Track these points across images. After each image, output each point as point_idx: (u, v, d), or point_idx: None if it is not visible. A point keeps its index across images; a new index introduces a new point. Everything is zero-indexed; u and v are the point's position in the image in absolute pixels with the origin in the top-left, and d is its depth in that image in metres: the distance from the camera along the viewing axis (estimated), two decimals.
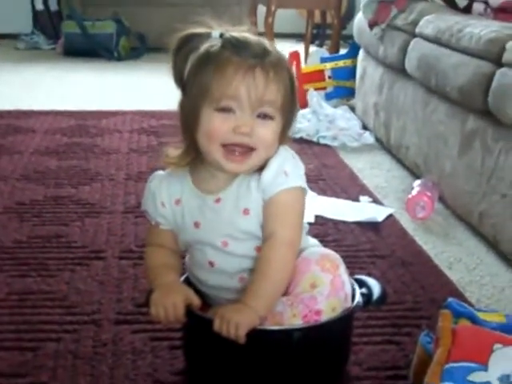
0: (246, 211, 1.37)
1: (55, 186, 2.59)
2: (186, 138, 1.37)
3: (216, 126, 1.31)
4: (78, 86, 4.60)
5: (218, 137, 1.31)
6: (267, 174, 1.34)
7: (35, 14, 6.26)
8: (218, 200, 1.38)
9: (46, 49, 6.03)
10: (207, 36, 1.35)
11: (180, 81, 1.37)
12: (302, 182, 1.38)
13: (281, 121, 1.34)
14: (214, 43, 1.33)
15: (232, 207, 1.37)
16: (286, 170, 1.35)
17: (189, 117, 1.34)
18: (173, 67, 1.38)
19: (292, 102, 1.36)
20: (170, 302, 1.35)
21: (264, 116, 1.32)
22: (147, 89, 4.54)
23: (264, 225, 1.37)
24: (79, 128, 3.45)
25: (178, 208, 1.42)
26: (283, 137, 1.37)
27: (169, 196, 1.43)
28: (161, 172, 1.46)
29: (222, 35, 1.33)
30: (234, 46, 1.30)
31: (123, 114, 3.76)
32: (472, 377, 1.19)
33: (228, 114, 1.30)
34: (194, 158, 1.38)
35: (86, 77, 4.89)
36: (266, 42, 1.35)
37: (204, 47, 1.33)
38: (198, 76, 1.32)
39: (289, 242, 1.36)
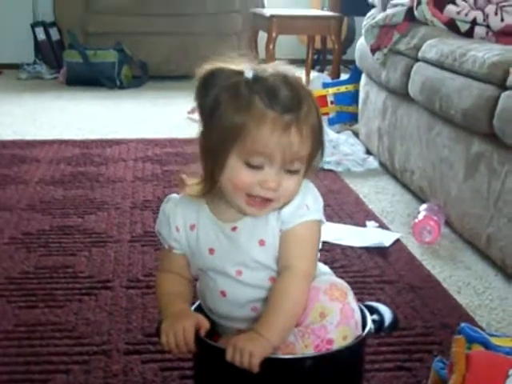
0: (261, 242, 1.36)
1: (61, 216, 2.59)
2: (205, 170, 1.34)
3: (244, 180, 1.29)
4: (81, 114, 4.61)
5: (244, 189, 1.30)
6: (290, 206, 1.34)
7: (37, 43, 6.28)
8: (234, 228, 1.37)
9: (48, 78, 6.04)
10: (238, 73, 1.29)
11: (203, 112, 1.32)
12: (321, 215, 1.39)
13: (306, 166, 1.33)
14: (245, 85, 1.27)
15: (248, 237, 1.37)
16: (308, 203, 1.35)
17: (213, 157, 1.30)
18: (198, 97, 1.32)
19: (319, 142, 1.33)
20: (180, 328, 1.33)
21: (293, 171, 1.30)
22: (150, 117, 4.55)
23: (281, 255, 1.36)
24: (83, 157, 3.45)
25: (192, 233, 1.41)
26: (308, 172, 1.36)
27: (184, 221, 1.41)
28: (175, 195, 1.44)
29: (254, 77, 1.28)
30: (268, 93, 1.26)
31: (127, 142, 3.77)
32: None
33: (257, 170, 1.29)
34: (212, 189, 1.37)
35: (88, 105, 4.91)
36: (295, 82, 1.29)
37: (235, 88, 1.27)
38: (227, 119, 1.26)
39: (305, 275, 1.36)
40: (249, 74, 1.27)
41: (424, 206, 2.57)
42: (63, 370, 1.59)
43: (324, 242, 2.29)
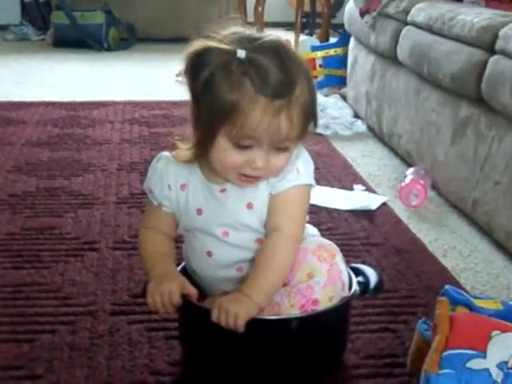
0: (249, 205, 1.37)
1: (47, 178, 2.58)
2: (196, 140, 1.32)
3: (232, 161, 1.29)
4: (68, 76, 4.58)
5: (233, 168, 1.30)
6: None
7: (24, 4, 6.22)
8: (223, 190, 1.38)
9: (35, 40, 5.99)
10: (230, 53, 1.25)
11: (195, 90, 1.28)
12: (311, 179, 1.40)
13: (298, 140, 1.31)
14: (237, 65, 1.23)
15: (236, 199, 1.37)
16: (299, 167, 1.36)
17: (203, 134, 1.29)
18: (189, 76, 1.30)
19: (312, 115, 1.31)
20: (166, 289, 1.34)
21: (280, 149, 1.29)
22: (137, 79, 4.53)
23: (269, 218, 1.37)
24: (70, 119, 3.43)
25: (182, 193, 1.41)
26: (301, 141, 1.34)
27: (176, 180, 1.41)
28: (167, 154, 1.43)
29: (246, 58, 1.24)
30: (259, 78, 1.22)
31: (114, 104, 3.74)
32: (470, 364, 1.19)
33: (245, 150, 1.28)
34: (202, 157, 1.35)
35: (75, 67, 4.87)
36: (288, 61, 1.26)
37: (227, 68, 1.24)
38: (218, 99, 1.24)
39: (293, 237, 1.37)
40: (241, 55, 1.24)
41: (411, 169, 2.57)
42: (49, 331, 1.59)
43: (311, 205, 2.30)
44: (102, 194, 2.43)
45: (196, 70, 1.27)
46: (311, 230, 1.53)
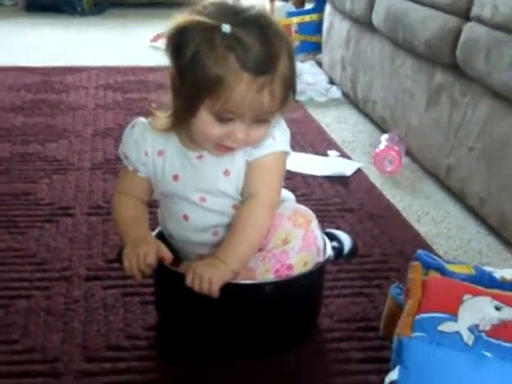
0: (226, 172, 1.37)
1: (21, 143, 2.57)
2: (175, 110, 1.33)
3: (213, 133, 1.29)
4: (42, 41, 4.53)
5: (214, 140, 1.31)
6: None
7: None
8: (200, 156, 1.38)
9: (7, 4, 5.91)
10: (214, 27, 1.23)
11: (179, 63, 1.28)
12: (287, 146, 1.40)
13: (278, 111, 1.32)
14: (221, 40, 1.23)
15: (213, 166, 1.37)
16: (275, 134, 1.36)
17: (185, 105, 1.29)
18: (171, 47, 1.29)
19: (292, 87, 1.31)
20: (142, 252, 1.35)
21: (261, 121, 1.30)
22: (112, 44, 4.49)
23: (246, 184, 1.38)
24: (44, 84, 3.40)
25: (159, 159, 1.41)
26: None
27: (153, 146, 1.41)
28: (143, 120, 1.43)
29: (231, 33, 1.23)
30: (243, 54, 1.22)
31: (88, 69, 3.71)
32: (442, 327, 1.20)
33: (227, 123, 1.28)
34: (180, 126, 1.35)
35: (49, 32, 4.82)
36: (272, 34, 1.25)
37: (212, 42, 1.23)
38: (203, 74, 1.23)
39: (269, 203, 1.38)
40: (226, 29, 1.23)
41: (385, 136, 2.58)
42: (24, 296, 1.60)
43: (286, 171, 2.32)
44: (76, 160, 2.42)
45: (180, 46, 1.26)
46: (287, 194, 1.54)
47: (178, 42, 1.27)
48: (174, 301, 1.43)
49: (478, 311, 1.24)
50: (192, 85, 1.26)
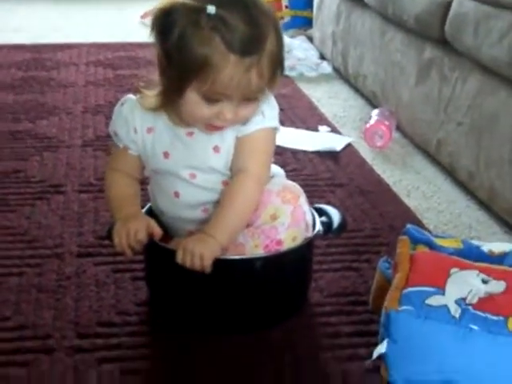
0: (216, 149, 1.38)
1: (12, 121, 2.56)
2: (163, 90, 1.33)
3: (201, 114, 1.30)
4: (31, 19, 4.51)
5: (202, 120, 1.31)
6: None
7: None
8: (190, 133, 1.38)
9: None
10: (199, 9, 1.23)
11: (165, 46, 1.27)
12: (276, 122, 1.41)
13: (267, 90, 1.32)
14: (207, 21, 1.22)
15: (203, 142, 1.38)
16: (264, 110, 1.37)
17: (172, 86, 1.29)
18: (158, 33, 1.28)
19: (279, 64, 1.31)
20: (133, 228, 1.36)
21: (249, 99, 1.30)
22: (102, 21, 4.47)
23: (235, 160, 1.38)
24: (34, 61, 3.39)
25: (149, 136, 1.42)
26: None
27: (141, 123, 1.42)
28: (132, 97, 1.43)
29: (216, 14, 1.22)
30: (229, 35, 1.22)
31: (79, 46, 3.70)
32: (430, 300, 1.21)
33: (215, 103, 1.28)
34: (169, 105, 1.36)
35: (38, 9, 4.79)
36: (258, 13, 1.25)
37: (198, 24, 1.23)
38: (190, 55, 1.23)
39: (258, 178, 1.39)
40: (211, 11, 1.22)
41: (376, 110, 2.58)
42: (16, 273, 1.60)
43: (276, 146, 2.32)
44: (67, 137, 2.42)
45: (166, 28, 1.26)
46: (276, 169, 1.55)
47: (163, 24, 1.27)
48: (165, 277, 1.44)
49: (465, 284, 1.25)
50: (178, 66, 1.26)
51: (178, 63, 1.26)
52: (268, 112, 1.38)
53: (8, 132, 2.45)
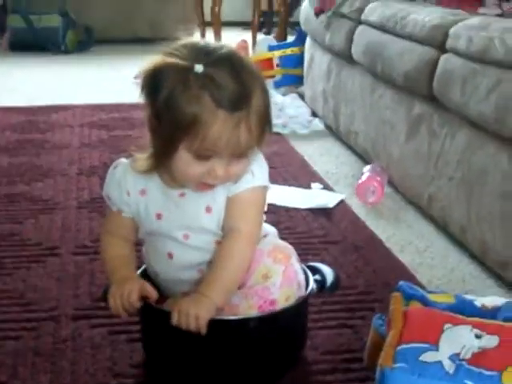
0: (208, 209, 1.40)
1: (7, 184, 2.59)
2: (154, 152, 1.35)
3: (193, 172, 1.32)
4: (26, 81, 4.56)
5: (194, 178, 1.33)
6: None
7: None
8: (182, 194, 1.40)
9: None
10: (187, 69, 1.27)
11: (155, 106, 1.30)
12: (266, 181, 1.43)
13: (256, 147, 1.34)
14: (195, 80, 1.26)
15: (195, 203, 1.40)
16: (253, 169, 1.38)
17: (163, 147, 1.31)
18: (147, 94, 1.31)
19: (268, 123, 1.34)
20: (126, 290, 1.37)
21: (239, 156, 1.32)
22: (96, 82, 4.53)
23: (227, 219, 1.40)
24: (29, 124, 3.43)
25: (142, 198, 1.44)
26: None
27: (134, 185, 1.43)
28: (124, 160, 1.46)
29: (204, 73, 1.26)
30: (217, 92, 1.25)
31: (73, 108, 3.75)
32: (424, 357, 1.22)
33: (206, 161, 1.30)
34: (160, 167, 1.38)
35: (33, 71, 4.85)
36: (244, 72, 1.29)
37: (186, 83, 1.26)
38: (179, 114, 1.26)
39: (250, 238, 1.40)
40: (199, 69, 1.26)
41: (367, 167, 2.61)
42: (13, 337, 1.61)
43: (269, 204, 2.33)
44: (62, 199, 2.44)
45: (155, 88, 1.29)
46: (269, 228, 1.56)
47: (152, 84, 1.30)
48: (160, 338, 1.44)
49: (459, 340, 1.26)
50: (169, 126, 1.28)
51: (168, 122, 1.28)
52: (257, 171, 1.40)
53: (3, 195, 2.47)
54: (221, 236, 1.42)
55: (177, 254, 1.44)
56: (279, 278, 1.40)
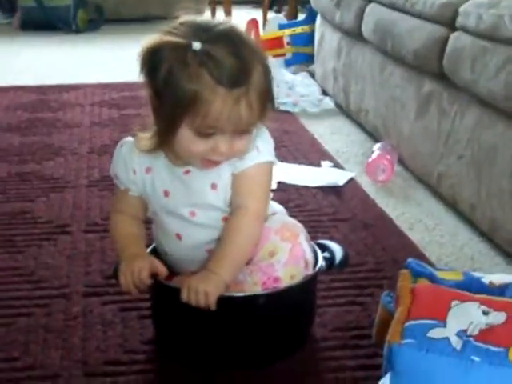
0: (213, 186, 1.40)
1: (19, 163, 2.60)
2: (157, 130, 1.35)
3: (196, 149, 1.32)
4: (37, 60, 4.57)
5: (198, 155, 1.33)
6: None
7: None
8: (187, 172, 1.41)
9: (2, 23, 5.95)
10: (185, 46, 1.27)
11: (154, 85, 1.31)
12: (272, 156, 1.43)
13: (258, 121, 1.34)
14: (193, 57, 1.26)
15: (200, 180, 1.40)
16: (258, 145, 1.39)
17: (165, 125, 1.31)
18: (147, 73, 1.32)
19: (269, 98, 1.34)
20: (136, 267, 1.38)
21: (242, 132, 1.32)
22: (107, 61, 4.53)
23: (234, 196, 1.40)
24: (40, 103, 3.44)
25: (148, 176, 1.44)
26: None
27: (140, 164, 1.44)
28: (130, 139, 1.46)
29: (202, 50, 1.26)
30: (216, 68, 1.25)
31: (84, 87, 3.75)
32: (431, 333, 1.23)
33: (209, 138, 1.30)
34: (164, 145, 1.38)
35: (44, 51, 4.86)
36: (244, 48, 1.29)
37: (184, 61, 1.26)
38: (179, 92, 1.26)
39: (257, 214, 1.41)
40: (197, 47, 1.26)
41: (378, 145, 2.61)
42: (25, 314, 1.62)
43: (279, 182, 2.35)
44: (73, 178, 2.45)
45: (153, 67, 1.29)
46: (277, 207, 1.57)
47: (151, 64, 1.30)
48: (170, 315, 1.46)
49: (466, 316, 1.27)
50: (170, 105, 1.28)
51: (169, 101, 1.28)
52: (262, 147, 1.40)
53: (15, 173, 2.49)
54: (227, 212, 1.42)
55: (185, 234, 1.45)
56: (285, 256, 1.40)
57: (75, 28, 5.56)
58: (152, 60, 1.30)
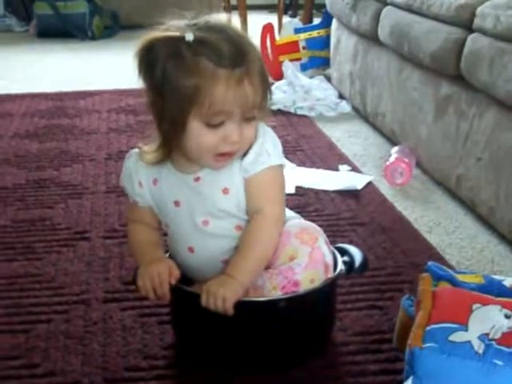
0: (225, 190, 1.39)
1: (37, 169, 2.61)
2: (163, 137, 1.35)
3: (208, 141, 1.31)
4: (54, 67, 4.59)
5: (210, 149, 1.33)
6: (251, 154, 1.37)
7: None
8: (197, 179, 1.40)
9: (18, 31, 5.98)
10: (178, 39, 1.28)
11: (152, 85, 1.31)
12: (281, 159, 1.42)
13: (260, 111, 1.35)
14: (187, 48, 1.27)
15: (211, 185, 1.39)
16: (268, 149, 1.38)
17: (172, 125, 1.31)
18: (143, 73, 1.33)
19: (266, 86, 1.34)
20: (155, 271, 1.38)
21: (250, 119, 1.33)
22: (123, 67, 4.52)
23: (249, 202, 1.39)
24: (57, 109, 3.45)
25: (156, 188, 1.44)
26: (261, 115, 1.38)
27: (147, 175, 1.44)
28: (137, 150, 1.46)
29: (195, 40, 1.27)
30: (214, 53, 1.26)
31: (100, 93, 3.76)
32: (453, 337, 1.22)
33: (219, 128, 1.30)
34: (170, 155, 1.38)
35: (60, 58, 4.87)
36: (236, 35, 1.30)
37: (179, 54, 1.27)
38: (180, 86, 1.27)
39: (275, 218, 1.41)
40: (189, 37, 1.27)
41: (395, 148, 2.60)
42: (44, 320, 1.63)
43: (297, 187, 2.35)
44: (91, 184, 2.46)
45: (149, 65, 1.30)
46: (289, 212, 1.55)
47: (146, 62, 1.31)
48: (190, 320, 1.46)
49: (488, 320, 1.26)
50: (174, 99, 1.28)
51: (172, 96, 1.28)
52: (272, 150, 1.39)
53: (33, 181, 2.49)
54: (241, 220, 1.41)
55: (197, 246, 1.44)
56: (305, 259, 1.39)
57: (91, 35, 5.58)
58: (147, 58, 1.31)
